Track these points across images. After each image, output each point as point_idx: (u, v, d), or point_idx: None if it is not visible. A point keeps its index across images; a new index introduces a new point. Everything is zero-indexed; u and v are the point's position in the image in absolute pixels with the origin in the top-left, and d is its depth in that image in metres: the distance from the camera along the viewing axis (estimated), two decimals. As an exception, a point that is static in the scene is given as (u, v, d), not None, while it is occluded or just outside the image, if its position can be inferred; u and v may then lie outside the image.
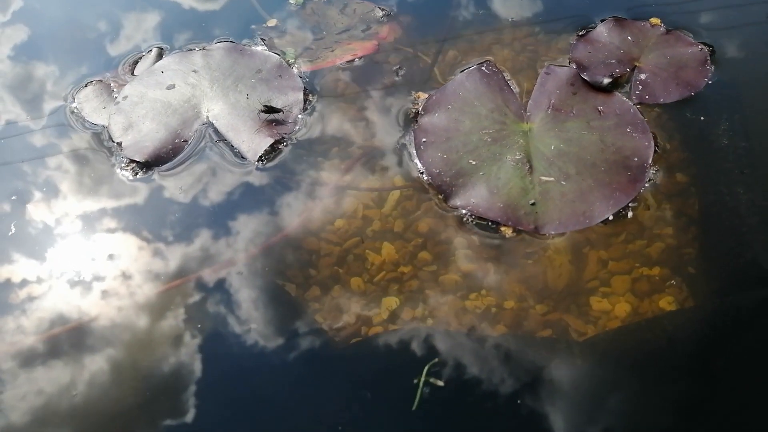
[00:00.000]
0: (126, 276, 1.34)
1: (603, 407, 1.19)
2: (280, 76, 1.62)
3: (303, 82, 1.62)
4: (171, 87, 1.61)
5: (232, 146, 1.50)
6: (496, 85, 1.56)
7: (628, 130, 1.45)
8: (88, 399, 1.21)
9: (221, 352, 1.27)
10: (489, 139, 1.45)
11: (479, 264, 1.32)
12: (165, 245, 1.38)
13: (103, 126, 1.56)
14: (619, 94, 1.53)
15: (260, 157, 1.46)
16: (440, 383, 1.14)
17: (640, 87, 1.55)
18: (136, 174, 1.45)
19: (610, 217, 1.31)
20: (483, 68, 1.59)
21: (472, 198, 1.36)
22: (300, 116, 1.55)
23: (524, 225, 1.32)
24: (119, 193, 1.44)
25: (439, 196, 1.38)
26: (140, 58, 1.71)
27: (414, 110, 1.54)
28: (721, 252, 1.36)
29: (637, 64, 1.60)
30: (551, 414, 1.17)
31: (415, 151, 1.45)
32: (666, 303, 1.27)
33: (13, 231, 1.41)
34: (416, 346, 1.25)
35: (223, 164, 1.48)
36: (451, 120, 1.50)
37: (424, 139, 1.47)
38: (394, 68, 1.65)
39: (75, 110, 1.60)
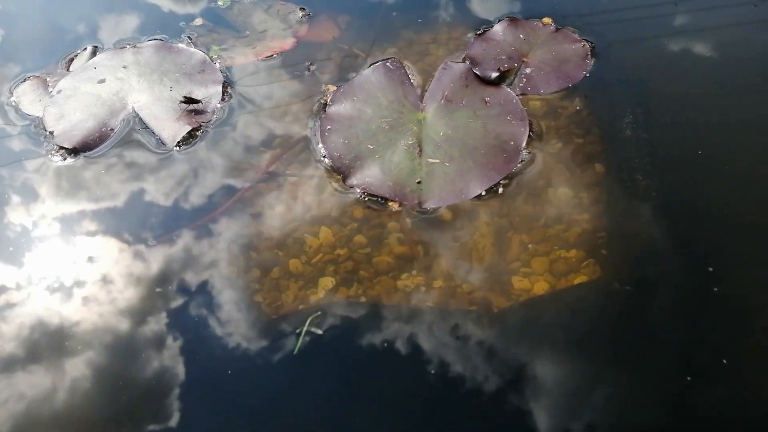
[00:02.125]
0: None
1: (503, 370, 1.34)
2: (203, 70, 1.78)
3: (224, 75, 1.77)
4: (102, 81, 1.75)
5: (154, 133, 1.65)
6: (398, 79, 1.73)
7: (509, 117, 1.63)
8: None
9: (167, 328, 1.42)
10: (387, 127, 1.63)
11: (411, 246, 1.48)
12: (87, 229, 1.53)
13: (38, 117, 1.70)
14: (506, 87, 1.71)
15: (178, 142, 1.62)
16: (319, 332, 1.31)
17: (524, 80, 1.73)
18: (65, 159, 1.60)
19: (483, 193, 1.49)
20: (388, 64, 1.76)
21: (367, 178, 1.53)
22: (218, 106, 1.71)
23: (409, 200, 1.49)
24: (48, 176, 1.58)
25: (338, 177, 1.55)
26: (76, 55, 1.85)
27: (323, 101, 1.71)
28: (625, 235, 1.53)
29: (525, 60, 1.78)
30: (456, 372, 1.33)
31: (319, 138, 1.62)
32: (580, 281, 1.42)
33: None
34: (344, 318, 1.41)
35: (144, 149, 1.63)
36: (355, 110, 1.66)
37: (329, 127, 1.63)
38: (307, 64, 1.82)
39: (13, 103, 1.74)
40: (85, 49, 1.86)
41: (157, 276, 1.45)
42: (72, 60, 1.84)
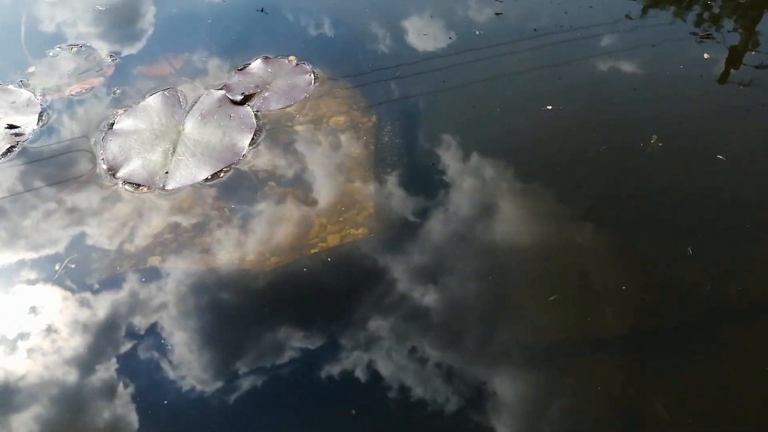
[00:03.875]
0: None
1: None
2: (27, 105, 2.40)
3: (43, 107, 2.40)
4: (-52, 115, 2.36)
5: (-18, 150, 2.26)
6: (171, 103, 2.39)
7: (243, 127, 2.29)
8: None
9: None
10: (154, 137, 2.27)
11: (228, 230, 2.08)
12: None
13: None
14: (249, 106, 2.38)
15: (-2, 155, 2.23)
16: (72, 266, 1.91)
17: (261, 101, 2.41)
18: None
19: (209, 177, 2.14)
20: (165, 93, 2.42)
21: (130, 171, 2.16)
22: (35, 129, 2.33)
23: (155, 185, 2.13)
24: None
25: (110, 172, 2.18)
26: (-69, 97, 2.44)
27: (112, 121, 2.34)
28: (392, 215, 2.18)
29: (268, 87, 2.46)
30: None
31: (101, 146, 2.25)
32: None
33: None
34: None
35: (-27, 161, 2.24)
36: (133, 126, 2.30)
37: (110, 139, 2.26)
38: (113, 90, 2.46)
39: None
40: (-60, 92, 2.46)
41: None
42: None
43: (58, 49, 2.66)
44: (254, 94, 2.43)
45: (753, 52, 2.62)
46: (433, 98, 2.48)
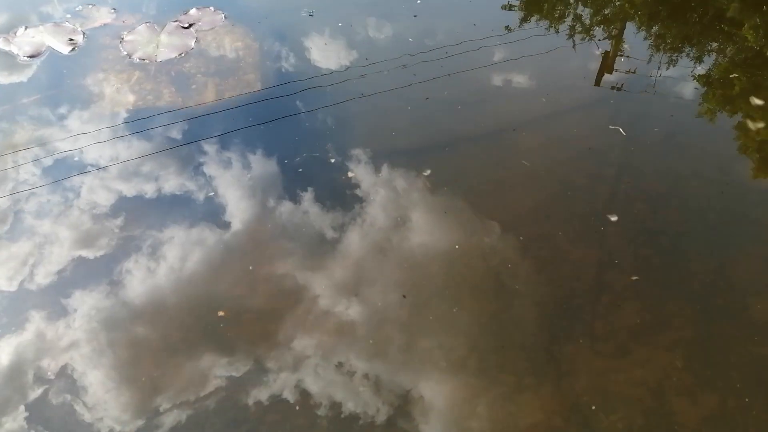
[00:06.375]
0: None
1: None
2: (74, 32, 4.72)
3: (84, 32, 4.71)
4: (32, 37, 4.63)
5: (56, 49, 4.55)
6: (152, 29, 4.80)
7: (189, 37, 4.75)
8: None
9: None
10: (147, 41, 4.67)
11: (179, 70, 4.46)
12: None
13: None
14: (191, 29, 4.83)
15: (68, 52, 4.54)
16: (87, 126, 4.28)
17: (197, 26, 4.87)
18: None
19: (177, 55, 4.58)
20: (147, 24, 4.82)
21: (139, 55, 4.55)
22: (81, 39, 4.65)
23: (153, 60, 4.54)
24: (20, 64, 4.42)
25: (128, 55, 4.55)
26: (25, 27, 4.70)
27: (123, 36, 4.70)
28: (269, 78, 4.64)
29: (200, 21, 4.93)
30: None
31: (123, 46, 4.62)
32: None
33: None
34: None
35: (56, 55, 4.52)
36: (135, 38, 4.69)
37: (126, 43, 4.64)
38: (122, 20, 4.83)
39: (-4, 45, 4.55)
40: (26, 28, 4.72)
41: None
42: (15, 32, 4.69)
43: (80, 6, 4.98)
44: (193, 23, 4.90)
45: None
46: (301, 32, 5.04)
